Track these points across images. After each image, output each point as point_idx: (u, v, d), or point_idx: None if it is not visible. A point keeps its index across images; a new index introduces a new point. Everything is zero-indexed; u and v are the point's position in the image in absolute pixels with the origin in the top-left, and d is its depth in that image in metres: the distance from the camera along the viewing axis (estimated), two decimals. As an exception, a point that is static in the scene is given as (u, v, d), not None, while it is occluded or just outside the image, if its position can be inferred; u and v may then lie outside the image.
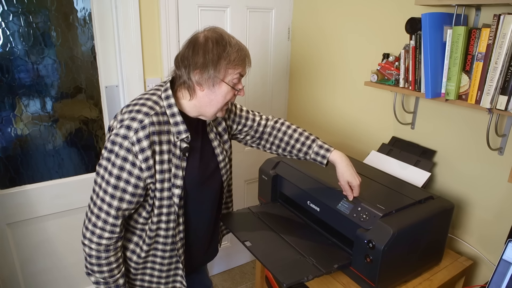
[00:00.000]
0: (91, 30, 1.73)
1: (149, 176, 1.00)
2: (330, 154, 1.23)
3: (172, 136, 1.03)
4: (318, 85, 2.12)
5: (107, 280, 1.06)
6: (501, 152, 1.35)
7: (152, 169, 1.00)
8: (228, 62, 1.01)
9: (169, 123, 1.03)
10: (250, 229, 1.39)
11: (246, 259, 2.60)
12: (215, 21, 1.95)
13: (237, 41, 1.04)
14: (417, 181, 1.47)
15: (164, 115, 1.03)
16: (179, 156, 1.05)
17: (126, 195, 1.00)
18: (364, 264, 1.17)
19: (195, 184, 1.11)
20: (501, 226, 1.38)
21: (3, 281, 1.76)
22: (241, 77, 1.06)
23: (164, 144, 1.01)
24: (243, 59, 1.04)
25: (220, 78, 1.02)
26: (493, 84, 1.19)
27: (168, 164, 1.03)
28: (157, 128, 1.00)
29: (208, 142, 1.16)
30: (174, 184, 1.05)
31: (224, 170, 1.22)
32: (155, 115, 1.00)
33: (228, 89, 1.04)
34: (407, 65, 1.45)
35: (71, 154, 1.84)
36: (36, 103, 1.69)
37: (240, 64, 1.03)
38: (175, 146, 1.04)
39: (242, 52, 1.03)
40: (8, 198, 1.69)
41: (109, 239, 1.03)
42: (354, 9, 1.82)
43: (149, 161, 0.98)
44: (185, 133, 1.04)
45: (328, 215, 1.33)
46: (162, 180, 1.03)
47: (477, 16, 1.32)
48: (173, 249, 1.14)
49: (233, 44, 1.02)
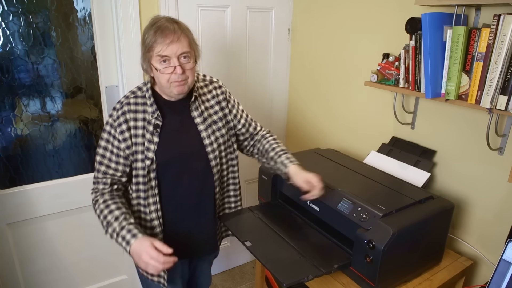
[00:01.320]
0: (91, 30, 1.73)
1: (126, 147, 1.19)
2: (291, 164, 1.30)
3: (147, 115, 1.21)
4: (318, 85, 2.12)
5: (104, 223, 1.19)
6: (501, 152, 1.35)
7: (128, 140, 1.19)
8: (145, 48, 1.15)
9: (147, 104, 1.21)
10: (250, 229, 1.39)
11: (246, 259, 2.60)
12: (215, 21, 1.95)
13: (161, 22, 1.12)
14: (417, 181, 1.47)
15: (144, 98, 1.22)
16: (152, 132, 1.20)
17: (109, 162, 1.21)
18: (364, 264, 1.17)
19: (169, 158, 1.23)
20: (501, 226, 1.38)
21: (3, 281, 1.76)
22: (162, 57, 1.12)
23: (139, 121, 1.20)
24: (156, 39, 1.11)
25: (147, 61, 1.16)
26: (493, 84, 1.19)
27: (142, 138, 1.20)
28: (133, 107, 1.20)
29: (191, 121, 1.27)
30: (146, 156, 1.20)
31: (212, 155, 1.28)
32: (133, 98, 1.22)
33: (158, 73, 1.15)
34: (407, 65, 1.45)
35: (71, 154, 1.84)
36: (36, 103, 1.69)
37: (155, 45, 1.12)
38: (149, 123, 1.21)
39: (158, 32, 1.11)
40: (8, 198, 1.69)
41: (96, 193, 1.22)
42: (354, 9, 1.82)
43: (125, 134, 1.18)
44: (155, 112, 1.20)
45: (328, 215, 1.33)
46: (136, 152, 1.20)
47: (477, 16, 1.32)
48: (151, 219, 1.26)
49: (153, 28, 1.12)
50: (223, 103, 1.34)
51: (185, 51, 1.15)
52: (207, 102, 1.31)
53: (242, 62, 2.13)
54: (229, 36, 2.03)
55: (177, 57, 1.14)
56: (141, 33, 1.76)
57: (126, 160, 1.22)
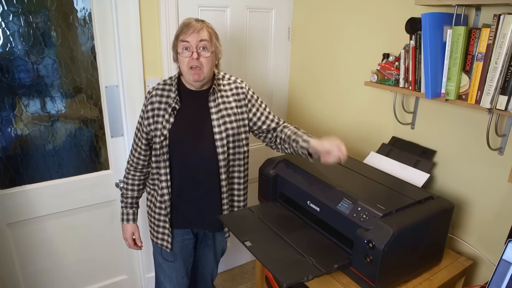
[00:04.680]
0: (91, 30, 1.73)
1: (148, 124, 1.42)
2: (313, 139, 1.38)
3: (170, 99, 1.41)
4: (318, 85, 2.12)
5: (122, 192, 1.58)
6: (501, 152, 1.35)
7: (150, 119, 1.41)
8: (175, 38, 1.36)
9: (172, 90, 1.42)
10: (250, 229, 1.39)
11: (246, 259, 2.60)
12: (215, 21, 1.94)
13: (191, 20, 1.35)
14: (417, 182, 1.47)
15: (171, 85, 1.43)
16: (170, 113, 1.40)
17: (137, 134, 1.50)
18: (364, 264, 1.17)
19: (179, 137, 1.40)
20: (501, 226, 1.38)
21: (3, 281, 1.77)
22: (182, 42, 1.33)
23: (162, 103, 1.41)
24: (182, 29, 1.34)
25: (175, 50, 1.37)
26: (493, 84, 1.19)
27: (162, 118, 1.40)
28: (159, 92, 1.42)
29: (207, 110, 1.42)
30: (162, 133, 1.40)
31: (220, 142, 1.41)
32: (163, 84, 1.44)
33: (180, 57, 1.35)
34: (407, 65, 1.45)
35: (71, 154, 1.84)
36: (36, 103, 1.69)
37: (180, 34, 1.34)
38: (170, 106, 1.40)
39: (184, 25, 1.33)
40: (8, 198, 1.69)
41: (129, 164, 1.54)
42: (354, 9, 1.82)
43: (149, 113, 1.41)
44: (175, 97, 1.40)
45: (328, 215, 1.33)
46: (156, 129, 1.41)
47: (477, 16, 1.32)
48: (162, 187, 1.46)
49: (182, 24, 1.35)
50: (242, 102, 1.48)
51: (203, 39, 1.32)
52: (226, 97, 1.46)
53: (242, 62, 2.13)
54: (229, 36, 2.03)
55: (196, 45, 1.32)
56: (141, 33, 1.77)
57: (147, 135, 1.45)
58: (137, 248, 1.63)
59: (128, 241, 1.60)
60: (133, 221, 1.57)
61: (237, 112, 1.47)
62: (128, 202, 1.56)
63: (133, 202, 1.57)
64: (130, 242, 1.60)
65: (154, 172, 1.50)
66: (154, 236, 1.55)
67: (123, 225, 1.58)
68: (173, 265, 1.56)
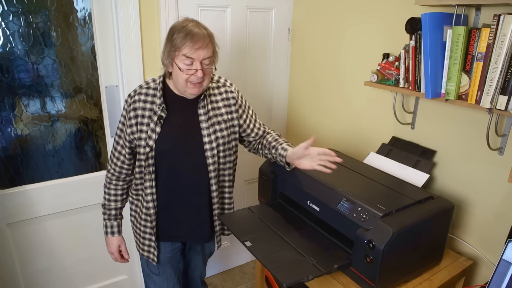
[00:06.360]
0: (91, 30, 1.73)
1: (131, 132, 1.30)
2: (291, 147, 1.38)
3: (155, 106, 1.29)
4: (318, 85, 2.12)
5: (103, 203, 1.45)
6: (501, 152, 1.35)
7: (134, 127, 1.29)
8: (172, 47, 1.21)
9: (156, 96, 1.30)
10: (250, 229, 1.39)
11: (246, 259, 2.60)
12: (215, 21, 1.95)
13: (192, 27, 1.20)
14: (417, 182, 1.47)
15: (155, 90, 1.31)
16: (155, 122, 1.28)
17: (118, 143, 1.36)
18: (364, 264, 1.17)
19: (166, 148, 1.30)
20: (501, 226, 1.38)
21: (3, 281, 1.77)
22: (187, 58, 1.20)
23: (146, 110, 1.29)
24: (185, 43, 1.19)
25: (171, 58, 1.23)
26: (493, 84, 1.19)
27: (146, 127, 1.29)
28: (143, 97, 1.30)
29: (196, 118, 1.33)
30: (147, 144, 1.29)
31: (210, 152, 1.33)
32: (146, 88, 1.31)
33: (179, 71, 1.22)
34: (407, 65, 1.45)
35: (71, 154, 1.84)
36: (36, 103, 1.69)
37: (183, 48, 1.19)
38: (155, 114, 1.29)
39: (188, 36, 1.18)
40: (8, 198, 1.69)
41: (110, 174, 1.41)
42: (354, 9, 1.82)
43: (132, 120, 1.29)
44: (161, 104, 1.29)
45: (328, 215, 1.33)
46: (140, 138, 1.30)
47: (477, 16, 1.32)
48: (147, 200, 1.37)
49: (183, 30, 1.19)
50: (232, 107, 1.39)
51: (209, 56, 1.23)
52: (215, 103, 1.37)
53: (242, 62, 2.13)
54: (229, 36, 2.03)
55: (201, 61, 1.21)
56: (141, 33, 1.77)
57: (129, 144, 1.35)
58: (124, 261, 1.53)
59: (115, 255, 1.49)
60: (118, 234, 1.47)
61: (227, 119, 1.38)
62: (112, 214, 1.44)
63: (117, 214, 1.46)
64: (116, 256, 1.49)
65: (138, 183, 1.39)
66: (140, 247, 1.47)
67: (107, 238, 1.46)
68: (163, 274, 1.50)
